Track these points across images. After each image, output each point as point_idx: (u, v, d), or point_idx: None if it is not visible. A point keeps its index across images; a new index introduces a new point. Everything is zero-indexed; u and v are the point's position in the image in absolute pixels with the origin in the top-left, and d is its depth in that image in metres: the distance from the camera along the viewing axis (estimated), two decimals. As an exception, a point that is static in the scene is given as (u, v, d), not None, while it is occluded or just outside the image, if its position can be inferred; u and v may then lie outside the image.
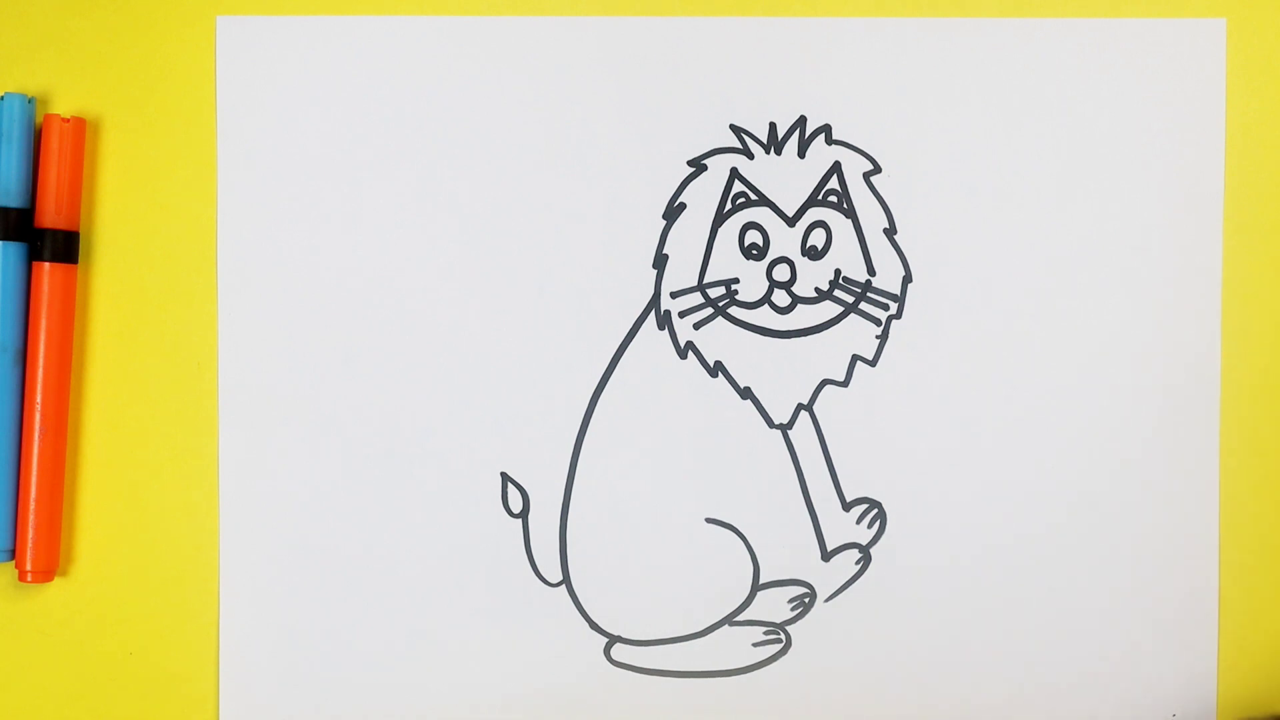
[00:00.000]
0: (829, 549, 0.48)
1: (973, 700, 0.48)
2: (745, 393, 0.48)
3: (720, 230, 0.48)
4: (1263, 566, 0.48)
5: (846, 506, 0.48)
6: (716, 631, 0.48)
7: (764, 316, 0.48)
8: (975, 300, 0.48)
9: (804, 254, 0.48)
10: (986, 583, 0.48)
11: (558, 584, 0.48)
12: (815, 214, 0.48)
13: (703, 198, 0.48)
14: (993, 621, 0.48)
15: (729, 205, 0.48)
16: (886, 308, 0.48)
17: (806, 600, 0.48)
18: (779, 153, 0.48)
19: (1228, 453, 0.48)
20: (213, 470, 0.48)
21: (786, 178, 0.48)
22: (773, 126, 0.48)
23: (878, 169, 0.48)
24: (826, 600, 0.48)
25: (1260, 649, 0.48)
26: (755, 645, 0.48)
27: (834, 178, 0.48)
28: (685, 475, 0.48)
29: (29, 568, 0.47)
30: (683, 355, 0.48)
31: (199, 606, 0.48)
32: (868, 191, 0.48)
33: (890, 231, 0.48)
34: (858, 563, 0.48)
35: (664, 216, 0.48)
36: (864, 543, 0.48)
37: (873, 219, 0.48)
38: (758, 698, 0.48)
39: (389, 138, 0.48)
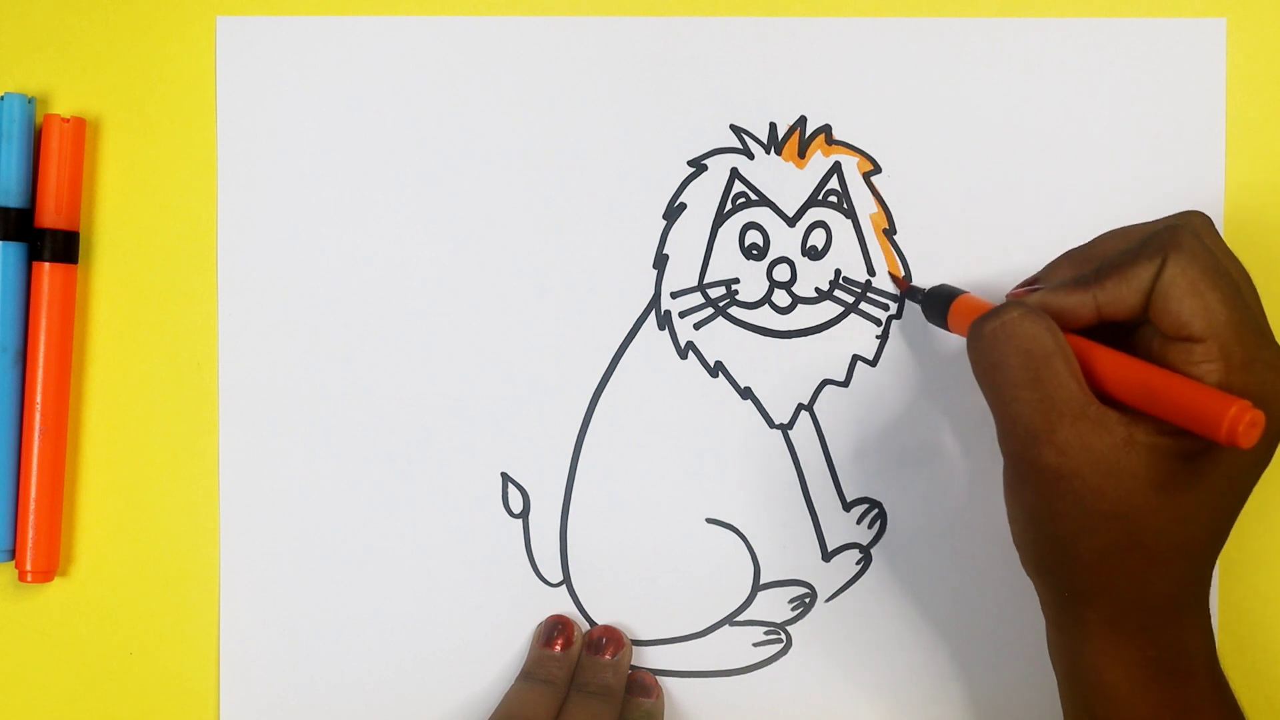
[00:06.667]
0: (829, 549, 0.48)
1: (973, 700, 0.48)
2: (745, 393, 0.48)
3: (720, 230, 0.48)
4: (1263, 566, 0.48)
5: (847, 506, 0.48)
6: (716, 631, 0.48)
7: (764, 316, 0.48)
8: (975, 300, 0.48)
9: (804, 254, 0.48)
10: (986, 583, 0.48)
11: (558, 584, 0.48)
12: (815, 214, 0.48)
13: (703, 198, 0.48)
14: (992, 621, 0.48)
15: (729, 205, 0.48)
16: (886, 308, 0.48)
17: (807, 600, 0.48)
18: (779, 153, 0.48)
19: (1228, 453, 0.48)
20: (213, 470, 0.48)
21: (786, 178, 0.48)
22: (773, 126, 0.48)
23: (878, 169, 0.48)
24: (826, 600, 0.48)
25: (1260, 649, 0.48)
26: (755, 645, 0.48)
27: (834, 178, 0.48)
28: (685, 475, 0.48)
29: (29, 568, 0.47)
30: (683, 355, 0.48)
31: (199, 606, 0.48)
32: (868, 191, 0.48)
33: (890, 232, 0.48)
34: (858, 563, 0.48)
35: (664, 216, 0.48)
36: (864, 543, 0.48)
37: (873, 219, 0.48)
38: (758, 698, 0.48)
39: (389, 138, 0.48)
